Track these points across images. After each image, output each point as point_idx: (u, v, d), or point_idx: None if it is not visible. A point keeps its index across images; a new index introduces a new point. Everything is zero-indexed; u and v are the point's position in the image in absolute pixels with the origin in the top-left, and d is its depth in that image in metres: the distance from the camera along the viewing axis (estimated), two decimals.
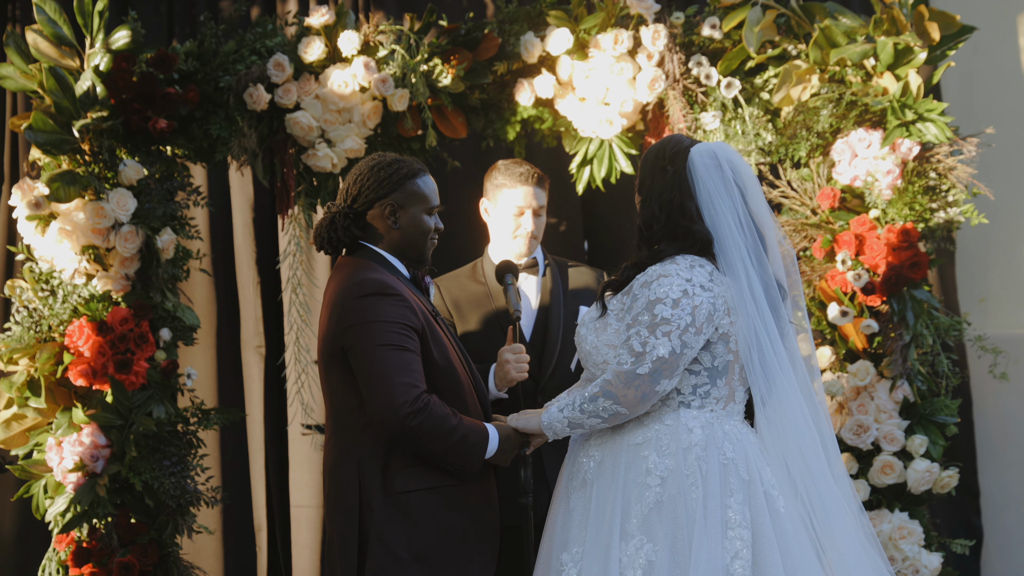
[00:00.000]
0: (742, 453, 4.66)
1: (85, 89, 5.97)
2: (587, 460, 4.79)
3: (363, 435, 4.75)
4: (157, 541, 6.04)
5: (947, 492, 6.28)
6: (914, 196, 6.16)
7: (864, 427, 6.12)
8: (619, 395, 4.61)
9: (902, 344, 6.13)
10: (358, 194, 4.89)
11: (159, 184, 6.15)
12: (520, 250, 5.96)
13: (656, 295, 4.61)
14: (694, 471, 4.59)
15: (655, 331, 4.58)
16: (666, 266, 4.68)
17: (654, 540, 4.56)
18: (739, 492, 4.59)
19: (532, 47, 6.31)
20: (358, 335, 4.68)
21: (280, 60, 6.16)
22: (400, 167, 4.93)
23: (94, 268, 6.04)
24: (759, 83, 6.37)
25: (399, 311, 4.72)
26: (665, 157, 4.80)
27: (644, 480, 4.62)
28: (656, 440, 4.66)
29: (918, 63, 6.17)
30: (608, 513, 4.65)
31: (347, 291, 4.76)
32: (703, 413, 4.69)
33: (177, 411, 6.14)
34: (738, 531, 4.54)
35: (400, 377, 4.64)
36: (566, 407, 4.72)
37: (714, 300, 4.65)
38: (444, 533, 4.74)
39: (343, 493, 4.77)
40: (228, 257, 7.40)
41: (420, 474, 4.74)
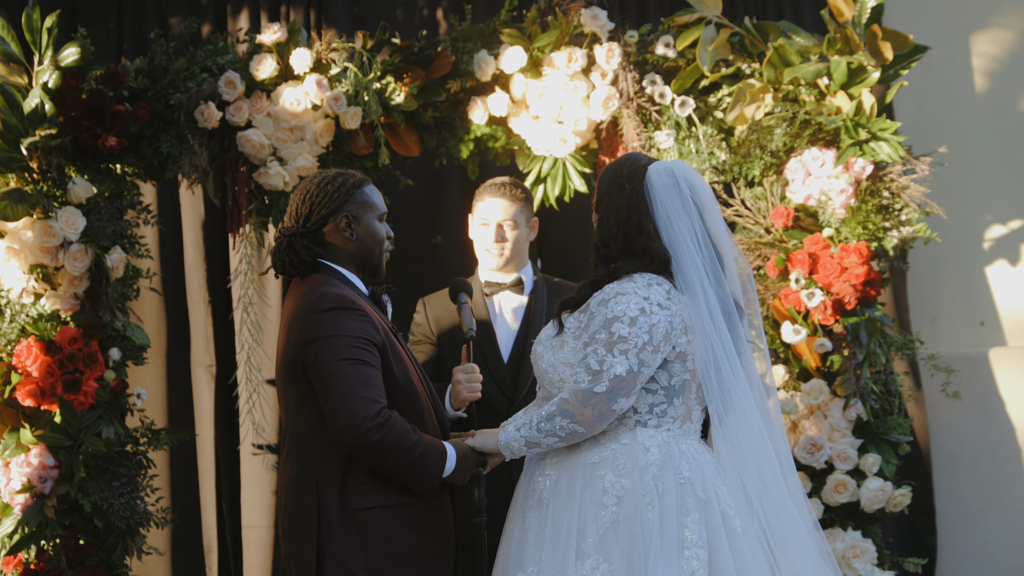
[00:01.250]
0: (699, 472, 4.64)
1: (33, 106, 5.92)
2: (543, 479, 4.76)
3: (322, 453, 4.71)
4: (106, 563, 5.99)
5: (900, 511, 6.29)
6: (867, 215, 6.17)
7: (817, 446, 6.12)
8: (576, 414, 4.58)
9: (855, 363, 6.14)
10: (310, 212, 4.85)
11: (109, 202, 6.11)
12: (490, 263, 5.95)
13: (613, 313, 4.59)
14: (650, 491, 4.57)
15: (612, 349, 4.55)
16: (623, 284, 4.66)
17: (610, 560, 4.53)
18: (696, 512, 4.57)
19: (485, 65, 6.29)
20: (319, 349, 4.64)
21: (231, 77, 6.12)
22: (347, 179, 4.90)
23: (43, 287, 5.99)
24: (713, 102, 6.37)
25: (360, 326, 4.69)
26: (623, 175, 4.78)
27: (600, 499, 4.59)
28: (612, 459, 4.63)
29: (871, 82, 6.19)
30: (564, 532, 4.62)
31: (307, 306, 4.71)
32: (660, 432, 4.67)
33: (127, 431, 6.09)
34: (694, 551, 4.52)
35: (361, 392, 4.60)
36: (523, 426, 4.69)
37: (671, 319, 4.63)
38: (400, 551, 4.71)
39: (301, 511, 4.73)
40: (179, 276, 7.35)
41: (377, 492, 4.70)
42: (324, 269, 4.86)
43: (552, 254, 7.51)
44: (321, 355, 4.63)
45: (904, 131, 6.32)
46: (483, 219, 5.95)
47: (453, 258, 7.43)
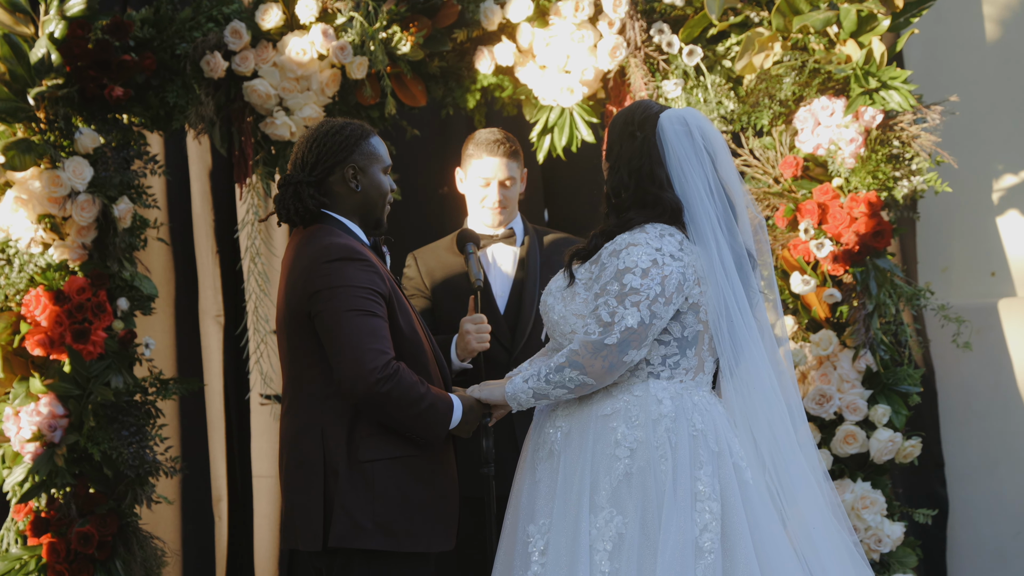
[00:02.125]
0: (711, 424, 4.63)
1: (40, 56, 5.91)
2: (554, 431, 4.75)
3: (327, 404, 4.71)
4: (116, 511, 6.01)
5: (910, 462, 6.28)
6: (877, 165, 6.14)
7: (827, 397, 6.12)
8: (586, 365, 4.57)
9: (865, 313, 6.12)
10: (316, 161, 4.84)
11: (116, 152, 6.10)
12: (488, 220, 5.94)
13: (625, 264, 4.56)
14: (664, 443, 4.56)
15: (624, 301, 4.53)
16: (635, 235, 4.63)
17: (624, 512, 4.53)
18: (708, 464, 4.57)
19: (492, 14, 6.26)
20: (326, 300, 4.63)
21: (237, 27, 6.10)
22: (354, 129, 4.89)
23: (50, 237, 6.00)
24: (721, 51, 6.34)
25: (367, 276, 4.68)
26: (634, 123, 4.75)
27: (613, 452, 4.59)
28: (625, 411, 4.62)
29: (881, 30, 6.15)
30: (576, 485, 4.62)
31: (312, 256, 4.70)
32: (672, 384, 4.66)
33: (135, 381, 6.11)
34: (707, 503, 4.52)
35: (369, 343, 4.60)
36: (531, 378, 4.68)
37: (684, 270, 4.61)
38: (406, 503, 4.71)
39: (306, 463, 4.74)
40: (186, 226, 7.35)
41: (384, 443, 4.70)
42: (327, 219, 4.85)
43: (560, 205, 7.50)
44: (328, 306, 4.63)
45: (914, 80, 6.26)
46: (483, 178, 5.92)
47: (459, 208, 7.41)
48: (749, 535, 4.52)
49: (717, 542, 4.50)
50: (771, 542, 4.56)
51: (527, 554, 4.67)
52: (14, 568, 5.94)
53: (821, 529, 4.71)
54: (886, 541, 6.13)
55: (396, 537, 4.69)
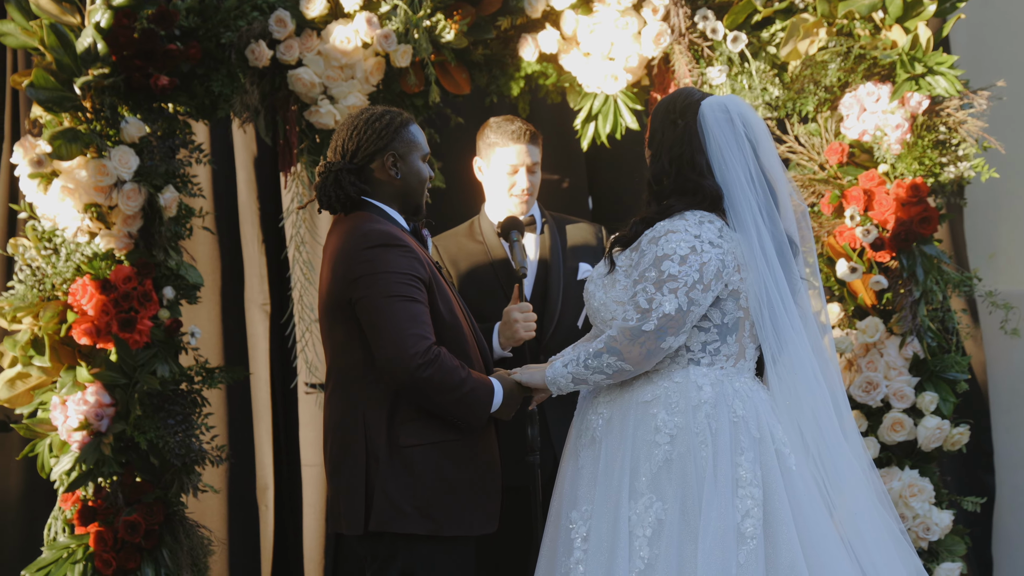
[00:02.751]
0: (753, 411, 4.64)
1: (86, 46, 5.92)
2: (595, 417, 4.78)
3: (368, 390, 4.76)
4: (162, 500, 6.02)
5: (958, 449, 6.25)
6: (924, 150, 6.12)
7: (873, 384, 6.10)
8: (624, 351, 4.59)
9: (912, 300, 6.10)
10: (357, 148, 4.89)
11: (161, 141, 6.11)
12: (516, 209, 5.94)
13: (664, 251, 4.59)
14: (703, 429, 4.58)
15: (662, 288, 4.56)
16: (675, 222, 4.66)
17: (664, 499, 4.55)
18: (750, 450, 4.58)
19: (536, 1, 6.26)
20: (367, 286, 4.67)
21: (282, 16, 6.11)
22: (394, 117, 4.94)
23: (97, 226, 6.01)
24: (766, 37, 6.32)
25: (407, 262, 4.72)
26: (676, 110, 4.78)
27: (653, 438, 4.61)
28: (665, 397, 4.65)
29: (927, 15, 6.12)
30: (617, 471, 4.64)
31: (353, 243, 4.75)
32: (713, 370, 4.68)
33: (181, 370, 6.12)
34: (749, 489, 4.54)
35: (410, 328, 4.64)
36: (570, 362, 4.71)
37: (723, 256, 4.62)
38: (447, 487, 4.75)
39: (348, 449, 4.78)
40: (232, 215, 7.37)
41: (424, 428, 4.75)
42: (367, 206, 4.89)
43: (604, 192, 7.49)
44: (369, 291, 4.66)
45: (960, 65, 6.23)
46: (510, 165, 5.93)
47: None
48: (792, 521, 4.53)
49: (759, 528, 4.51)
50: (815, 528, 4.57)
51: (570, 540, 4.70)
52: (62, 557, 5.96)
53: (867, 517, 4.70)
54: (934, 529, 6.11)
55: (436, 521, 4.74)
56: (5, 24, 5.99)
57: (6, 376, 6.02)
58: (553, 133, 7.13)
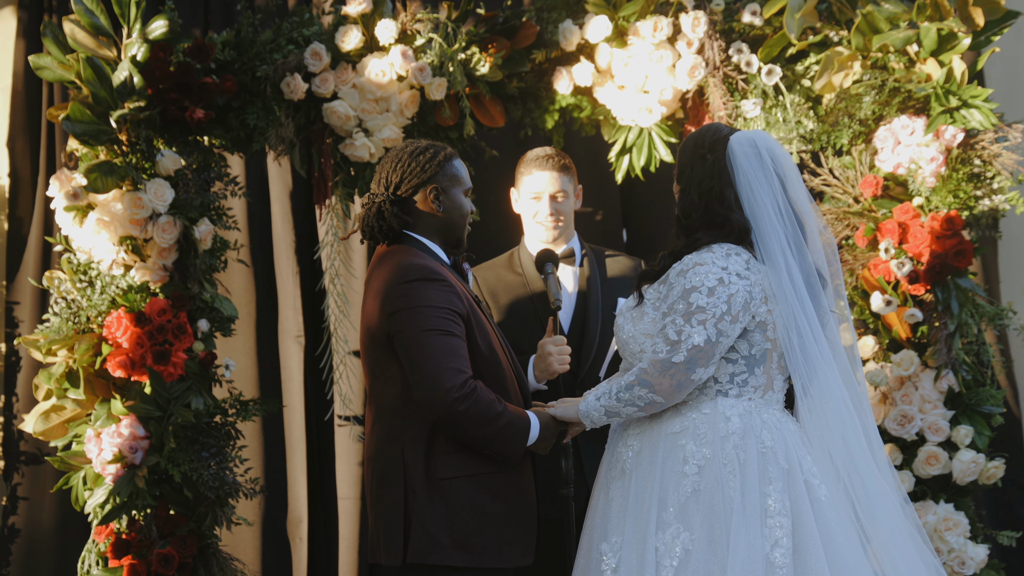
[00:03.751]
0: (781, 442, 4.65)
1: (122, 79, 5.95)
2: (625, 450, 4.79)
3: (407, 423, 4.76)
4: (196, 532, 6.02)
5: (993, 483, 6.22)
6: (958, 183, 6.11)
7: (908, 417, 6.07)
8: (654, 383, 4.61)
9: (946, 333, 6.08)
10: (400, 181, 4.89)
11: (196, 174, 6.14)
12: (543, 235, 5.94)
13: (692, 283, 4.62)
14: (732, 460, 4.59)
15: (690, 319, 4.58)
16: (702, 255, 4.68)
17: (691, 529, 4.55)
18: (778, 480, 4.58)
19: (570, 35, 6.27)
20: (404, 320, 4.68)
21: (317, 49, 6.13)
22: (437, 151, 4.95)
23: (132, 259, 6.03)
24: (800, 70, 6.32)
25: (445, 296, 4.73)
26: (704, 145, 4.80)
27: (681, 469, 4.62)
28: (693, 429, 4.66)
29: (962, 49, 6.11)
30: (646, 502, 4.65)
31: (392, 277, 4.76)
32: (741, 402, 4.69)
33: (215, 402, 6.13)
34: (778, 519, 4.53)
35: (447, 362, 4.65)
36: (603, 395, 4.73)
37: (750, 288, 4.64)
38: (484, 519, 4.75)
39: (387, 481, 4.78)
40: (266, 247, 7.38)
41: (462, 461, 4.75)
42: (408, 240, 4.90)
43: (638, 224, 7.48)
44: (407, 326, 4.67)
45: (995, 98, 6.23)
46: (534, 192, 5.93)
47: None
48: (823, 551, 4.52)
49: (788, 558, 4.50)
50: (847, 559, 4.56)
51: (600, 572, 4.70)
52: None
53: (902, 547, 4.69)
54: (970, 563, 6.07)
55: (473, 553, 4.73)
56: (42, 58, 6.02)
57: (41, 409, 6.04)
58: (587, 166, 7.13)
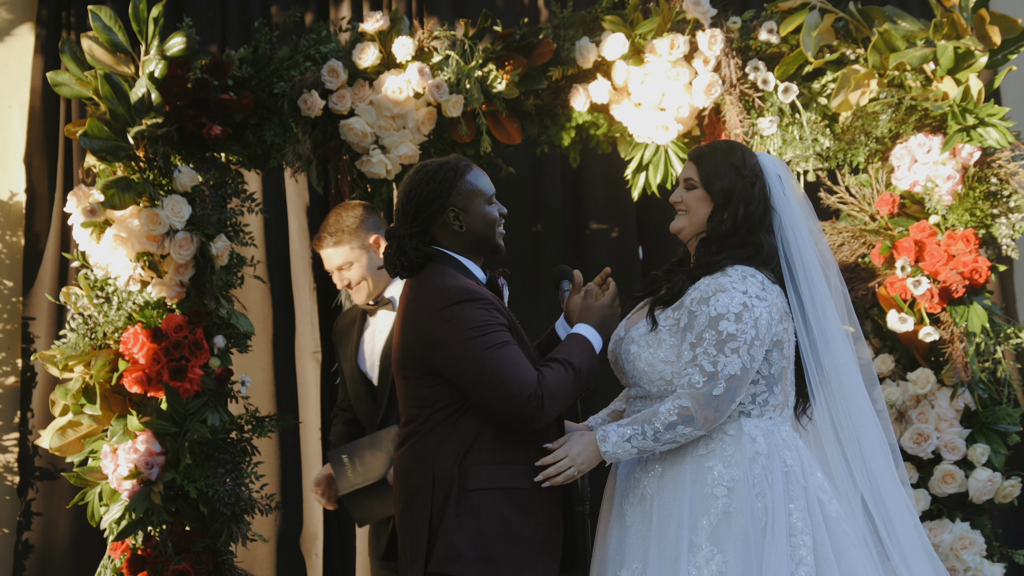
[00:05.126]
0: (798, 460, 4.68)
1: (140, 96, 5.96)
2: (644, 475, 4.76)
3: (442, 439, 4.72)
4: (211, 549, 6.01)
5: (1009, 502, 6.20)
6: (975, 202, 6.10)
7: (924, 436, 6.06)
8: (700, 419, 4.59)
9: (963, 351, 6.06)
10: (415, 212, 4.82)
11: (213, 191, 6.14)
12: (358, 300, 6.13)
13: (717, 311, 4.60)
14: (760, 480, 4.60)
15: (723, 348, 4.57)
16: (719, 280, 4.67)
17: (724, 551, 4.55)
18: (800, 499, 4.61)
19: (587, 52, 6.28)
20: (457, 350, 4.63)
21: (334, 66, 6.14)
22: (447, 171, 4.85)
23: (149, 275, 6.03)
24: (817, 88, 6.32)
25: (487, 315, 4.67)
26: (746, 167, 4.80)
27: (711, 491, 4.61)
28: (720, 451, 4.66)
29: (979, 67, 6.11)
30: (674, 526, 4.63)
31: (428, 300, 4.70)
32: (763, 421, 4.70)
33: (231, 418, 6.11)
34: (801, 537, 4.56)
35: (510, 374, 4.60)
36: (634, 437, 4.63)
37: (769, 309, 4.65)
38: (510, 534, 4.70)
39: (418, 494, 4.74)
40: (283, 263, 7.39)
41: (493, 474, 4.70)
42: (442, 258, 4.83)
43: (654, 242, 7.48)
44: (461, 354, 4.63)
45: (1012, 116, 6.22)
46: (327, 268, 6.09)
47: (555, 245, 7.41)
48: (837, 567, 4.55)
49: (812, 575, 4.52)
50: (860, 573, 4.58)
51: None
52: None
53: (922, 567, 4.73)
54: None
55: (496, 566, 4.68)
56: (60, 74, 6.04)
57: (57, 424, 6.04)
58: (604, 183, 7.14)
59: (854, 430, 4.77)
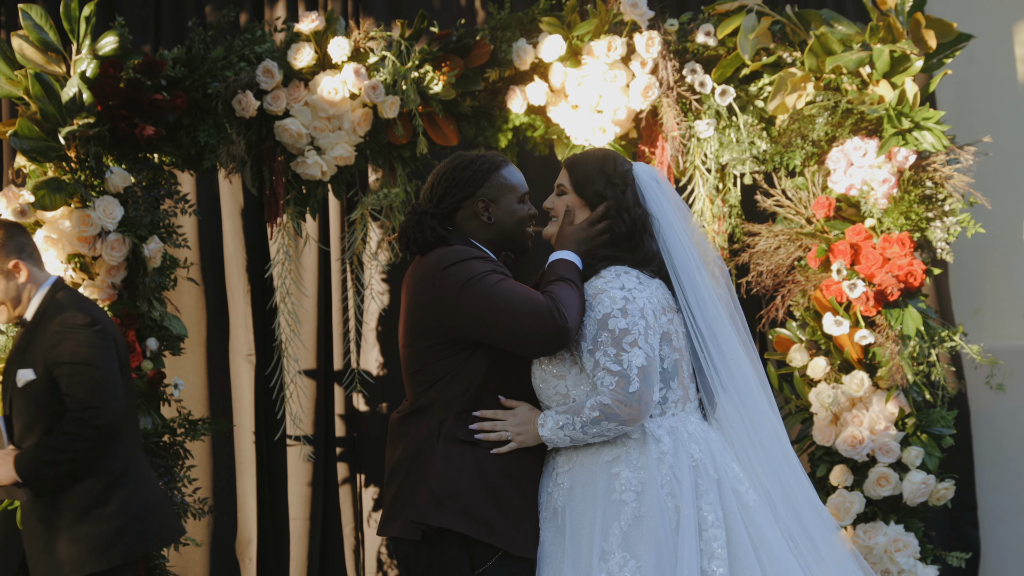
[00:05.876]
0: (707, 452, 4.67)
1: (71, 95, 5.90)
2: (556, 489, 4.75)
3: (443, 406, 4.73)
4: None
5: (943, 504, 6.22)
6: (910, 205, 6.12)
7: (859, 439, 6.07)
8: (623, 415, 4.58)
9: (897, 355, 6.08)
10: (444, 194, 4.85)
11: (146, 192, 6.09)
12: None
13: (602, 312, 4.62)
14: (670, 480, 4.59)
15: (621, 345, 4.58)
16: (594, 283, 4.70)
17: (636, 556, 4.53)
18: (710, 492, 4.60)
19: (524, 54, 6.26)
20: (464, 300, 4.63)
21: (269, 66, 6.10)
22: (483, 163, 4.89)
23: (80, 277, 5.96)
24: (754, 91, 6.34)
25: (484, 264, 4.68)
26: (616, 175, 4.82)
27: (619, 497, 4.60)
28: (626, 456, 4.64)
29: (914, 71, 6.13)
30: (586, 535, 4.61)
31: (431, 265, 4.71)
32: (666, 419, 4.70)
33: (164, 421, 6.07)
34: (712, 531, 4.56)
35: (520, 297, 4.61)
36: (566, 426, 4.64)
37: (650, 298, 4.67)
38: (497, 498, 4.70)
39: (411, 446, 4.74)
40: (217, 265, 7.33)
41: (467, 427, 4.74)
42: (455, 240, 4.85)
43: None
44: (468, 298, 4.63)
45: (946, 120, 6.25)
46: None
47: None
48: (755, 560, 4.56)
49: (726, 568, 4.52)
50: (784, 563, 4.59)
51: None
52: None
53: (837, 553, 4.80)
54: None
55: (475, 522, 4.66)
56: None
57: None
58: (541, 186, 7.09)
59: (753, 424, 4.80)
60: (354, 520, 7.38)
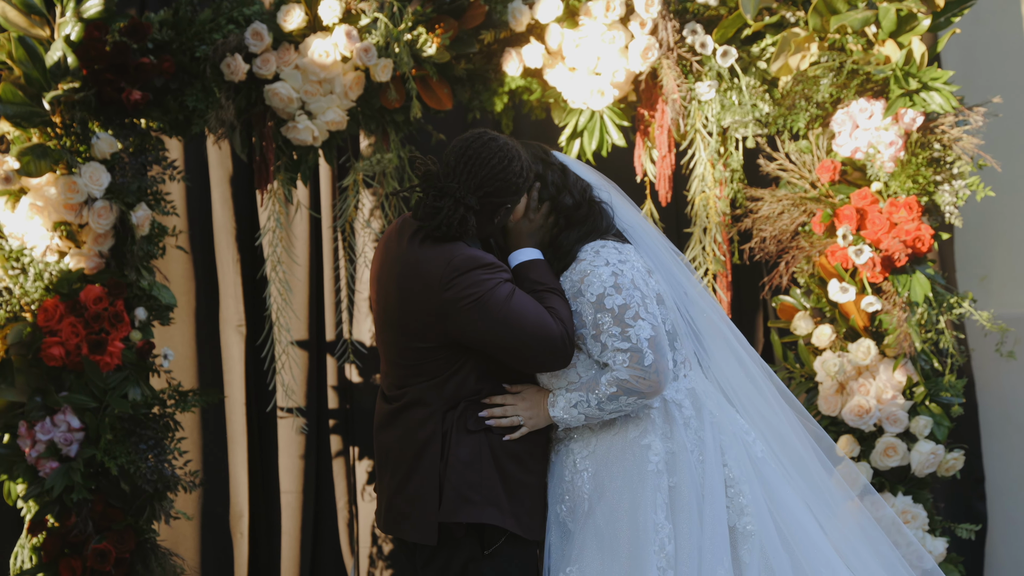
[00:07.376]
0: (720, 407, 4.75)
1: (56, 59, 5.84)
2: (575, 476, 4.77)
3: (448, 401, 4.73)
4: (133, 527, 5.93)
5: (952, 475, 6.18)
6: (917, 168, 6.06)
7: (866, 408, 6.02)
8: (642, 388, 4.59)
9: (905, 322, 6.00)
10: (493, 191, 4.66)
11: (133, 158, 6.03)
12: None
13: (595, 293, 4.62)
14: (695, 444, 4.65)
15: (624, 321, 4.59)
16: (578, 267, 4.71)
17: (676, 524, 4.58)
18: (731, 448, 4.67)
19: (520, 15, 6.19)
20: (473, 311, 4.59)
21: (258, 29, 6.02)
22: (529, 171, 4.74)
23: (67, 245, 5.92)
24: (756, 52, 6.27)
25: (497, 273, 4.63)
26: (540, 160, 4.84)
27: (656, 468, 4.62)
28: (653, 428, 4.68)
29: (921, 30, 6.06)
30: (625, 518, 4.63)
31: (438, 270, 4.63)
32: (680, 382, 4.75)
33: (153, 393, 6.03)
34: (738, 487, 4.62)
35: (539, 330, 4.60)
36: (580, 403, 4.66)
37: (634, 267, 4.69)
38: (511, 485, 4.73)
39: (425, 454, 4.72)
40: (207, 233, 7.26)
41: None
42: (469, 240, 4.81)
43: None
44: (482, 315, 4.59)
45: (955, 80, 6.20)
46: None
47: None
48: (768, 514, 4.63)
49: (758, 521, 4.60)
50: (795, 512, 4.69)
51: None
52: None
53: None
54: (927, 557, 5.98)
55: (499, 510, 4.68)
56: None
57: None
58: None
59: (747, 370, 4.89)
60: (348, 493, 7.33)
